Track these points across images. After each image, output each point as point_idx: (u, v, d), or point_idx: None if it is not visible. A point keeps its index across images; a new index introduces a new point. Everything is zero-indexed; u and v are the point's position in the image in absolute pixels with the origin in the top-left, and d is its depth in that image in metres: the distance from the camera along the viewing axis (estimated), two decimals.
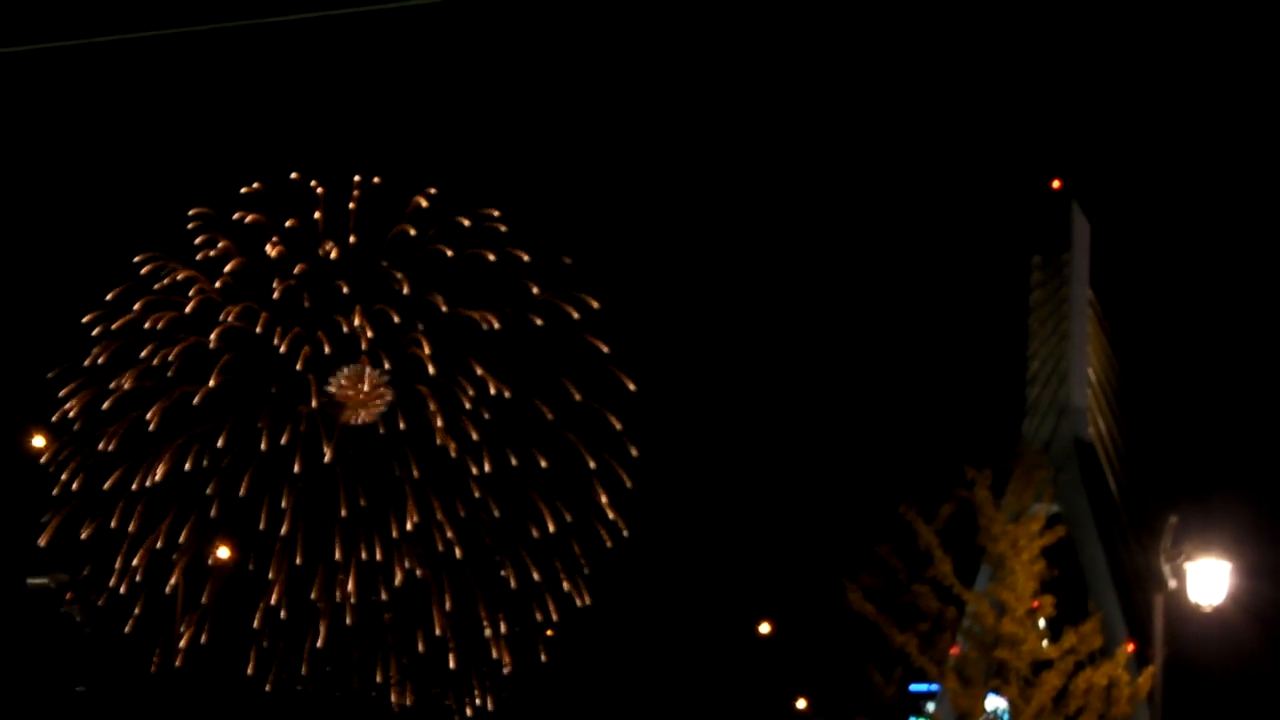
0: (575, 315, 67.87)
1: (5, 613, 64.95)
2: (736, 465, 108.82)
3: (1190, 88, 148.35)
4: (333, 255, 68.38)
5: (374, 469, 67.91)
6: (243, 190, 69.48)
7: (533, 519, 67.42)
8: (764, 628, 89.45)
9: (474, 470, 66.73)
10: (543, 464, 67.10)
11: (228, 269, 68.22)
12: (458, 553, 66.91)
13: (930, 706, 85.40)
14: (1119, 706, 45.80)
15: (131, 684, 64.04)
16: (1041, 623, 47.97)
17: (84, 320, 68.24)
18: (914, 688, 76.25)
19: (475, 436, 66.82)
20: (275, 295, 68.18)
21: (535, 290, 67.99)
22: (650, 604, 79.77)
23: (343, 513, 66.34)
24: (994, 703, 51.24)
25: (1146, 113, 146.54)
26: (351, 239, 68.52)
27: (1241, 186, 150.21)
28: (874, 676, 53.28)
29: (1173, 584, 31.68)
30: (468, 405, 67.41)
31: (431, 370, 67.72)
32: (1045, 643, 47.02)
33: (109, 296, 68.48)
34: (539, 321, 68.26)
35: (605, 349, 67.89)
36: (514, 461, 67.05)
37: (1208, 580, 31.34)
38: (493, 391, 67.42)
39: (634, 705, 78.61)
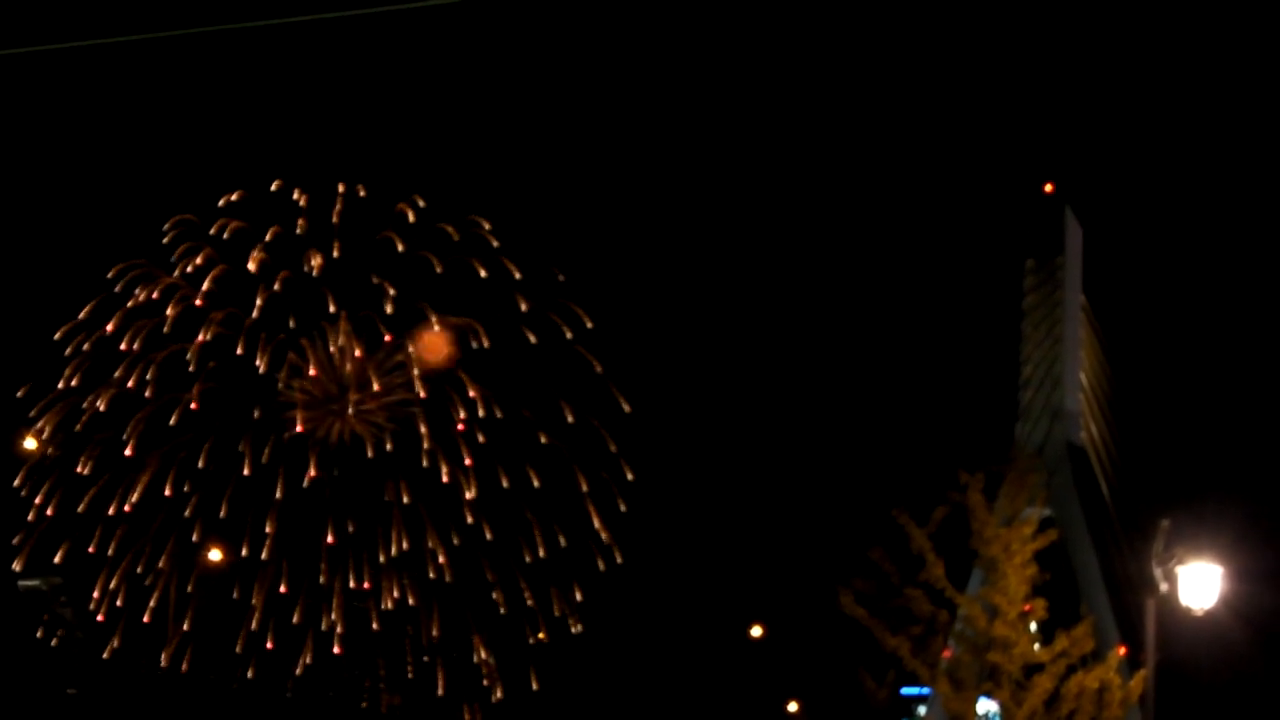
0: (569, 334, 66.58)
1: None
2: (729, 469, 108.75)
3: (1184, 92, 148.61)
4: (315, 272, 66.70)
5: (362, 490, 66.47)
6: (221, 203, 67.53)
7: (525, 542, 66.25)
8: (756, 631, 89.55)
9: (467, 495, 65.38)
10: (535, 484, 65.82)
11: (206, 284, 66.22)
12: (448, 577, 65.71)
13: (922, 710, 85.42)
14: (1110, 710, 45.86)
15: (123, 685, 63.73)
16: (1033, 626, 48.04)
17: (56, 337, 65.97)
18: (906, 691, 76.51)
19: (469, 461, 65.50)
20: (255, 313, 66.40)
21: (524, 307, 66.45)
22: (643, 606, 79.60)
23: (329, 539, 64.92)
24: (986, 706, 51.30)
25: (1139, 117, 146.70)
26: (335, 252, 66.83)
27: (1234, 191, 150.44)
28: (866, 680, 53.38)
29: (1164, 588, 31.76)
30: (461, 426, 66.07)
31: (422, 393, 66.35)
32: (1037, 646, 47.08)
33: (82, 314, 66.28)
34: (532, 339, 66.87)
35: (599, 368, 66.54)
36: (505, 483, 65.72)
37: (1199, 584, 31.42)
38: (481, 413, 66.03)
39: (626, 706, 78.53)
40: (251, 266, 66.32)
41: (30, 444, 64.61)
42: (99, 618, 65.08)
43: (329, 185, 67.97)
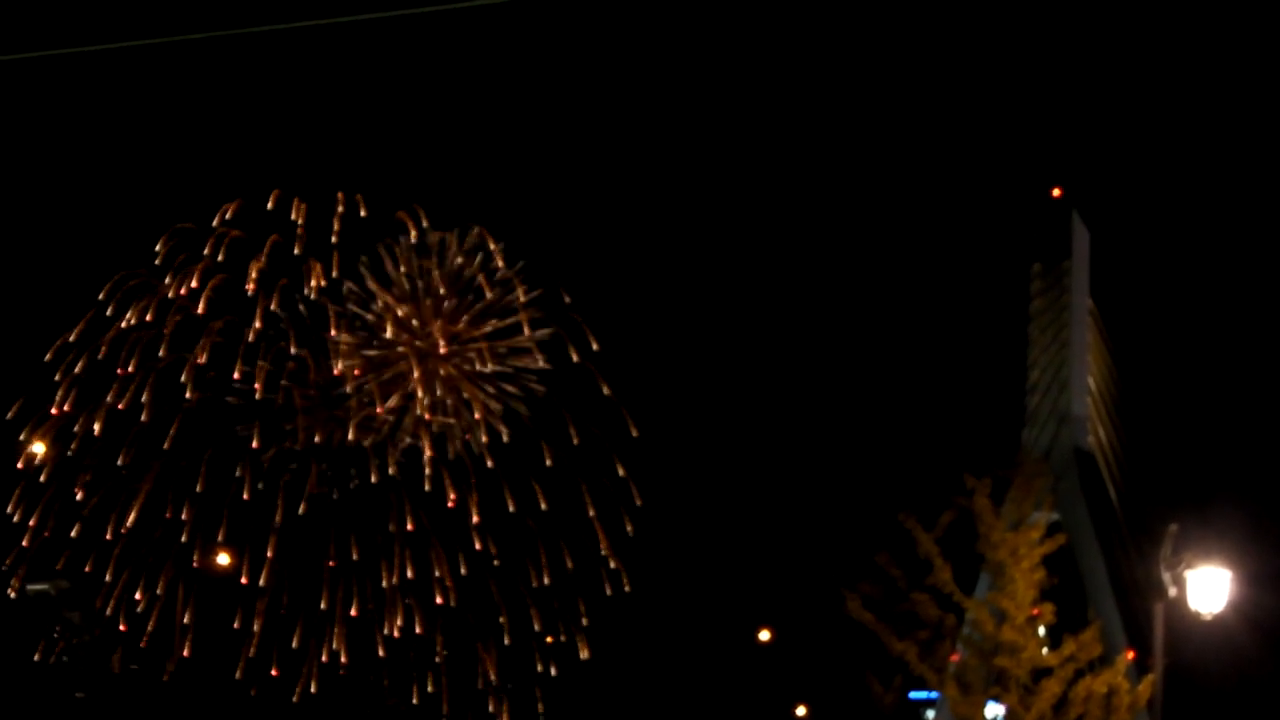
0: (575, 357, 65.41)
1: (4, 617, 64.69)
2: (737, 472, 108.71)
3: (1190, 96, 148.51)
4: (313, 294, 65.38)
5: (366, 512, 65.44)
6: (216, 221, 66.07)
7: (531, 565, 65.31)
8: (764, 635, 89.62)
9: (474, 519, 64.37)
10: (543, 506, 64.73)
11: (203, 301, 64.77)
12: (452, 601, 64.92)
13: (930, 714, 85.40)
14: (1119, 714, 45.87)
15: (131, 690, 63.66)
16: (1041, 630, 48.03)
17: (47, 358, 64.61)
18: (913, 695, 76.23)
19: (473, 479, 64.49)
20: (251, 335, 65.16)
21: (527, 330, 65.31)
22: (651, 610, 79.48)
23: (330, 563, 63.98)
24: (994, 710, 51.29)
25: (1147, 121, 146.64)
26: (334, 270, 65.40)
27: (1241, 195, 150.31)
28: (873, 684, 53.34)
29: (1173, 592, 31.76)
30: (468, 448, 64.97)
31: (427, 415, 65.35)
32: (1045, 650, 47.10)
33: (72, 336, 64.97)
34: (541, 361, 65.74)
35: (607, 390, 65.48)
36: (511, 507, 64.59)
37: (1208, 588, 31.42)
38: (484, 439, 65.09)
39: (635, 710, 78.53)
40: (249, 288, 64.92)
41: (39, 448, 64.02)
42: (94, 631, 64.46)
43: (328, 195, 66.61)
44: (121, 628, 63.88)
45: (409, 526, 63.75)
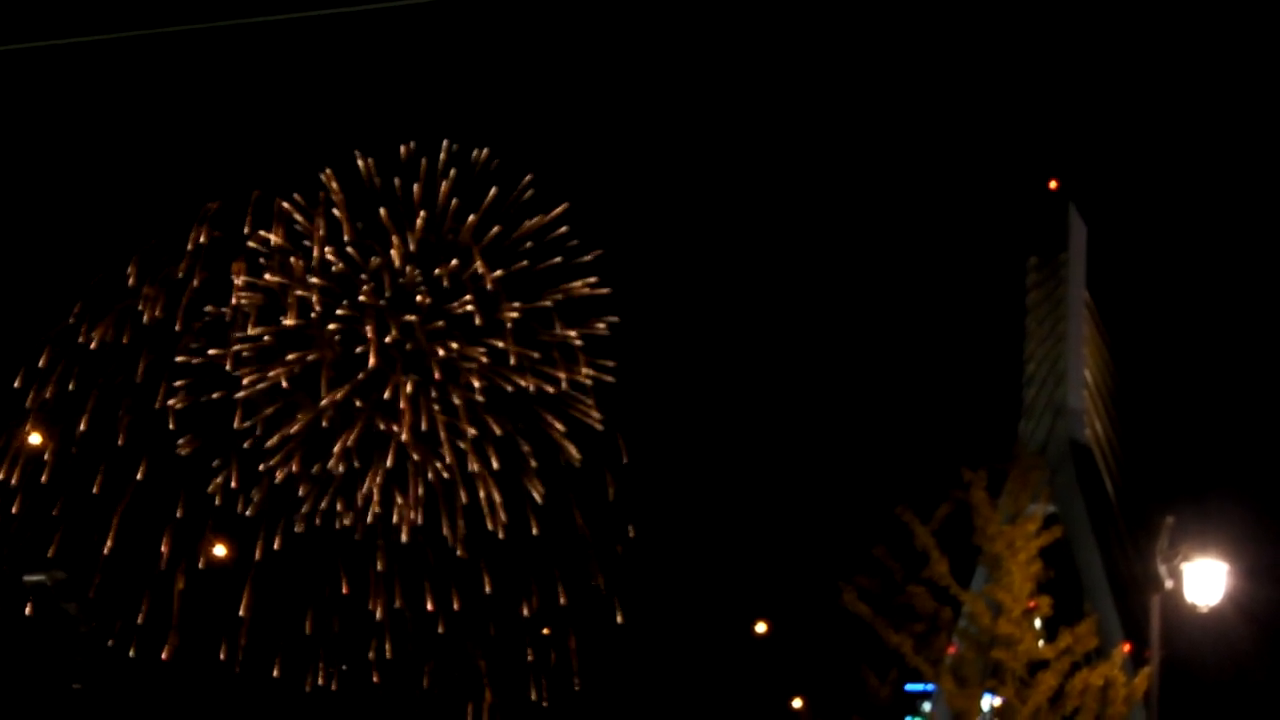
0: (563, 382, 64.26)
1: (1, 609, 64.63)
2: (733, 463, 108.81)
3: (1188, 89, 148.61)
4: (292, 319, 63.93)
5: (354, 540, 64.53)
6: (190, 245, 64.52)
7: (523, 593, 64.56)
8: (760, 627, 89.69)
9: (458, 552, 63.43)
10: (534, 531, 63.80)
11: (179, 316, 63.50)
12: (440, 628, 64.24)
13: (926, 706, 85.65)
14: (1115, 707, 45.86)
15: (128, 681, 63.59)
16: (1038, 623, 48.05)
17: (16, 384, 63.27)
18: (910, 688, 76.47)
19: (459, 507, 63.46)
20: (229, 363, 63.85)
21: (513, 359, 64.10)
22: (647, 601, 79.48)
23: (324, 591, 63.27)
24: (990, 703, 51.35)
25: (1144, 113, 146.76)
26: (316, 295, 64.11)
27: (1238, 188, 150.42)
28: (869, 677, 53.38)
29: (1169, 585, 31.81)
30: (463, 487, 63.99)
31: (406, 434, 64.06)
32: (1041, 643, 47.10)
33: (41, 363, 63.63)
34: (532, 388, 64.63)
35: (600, 418, 64.50)
36: (501, 535, 63.66)
37: (1204, 581, 31.47)
38: (475, 467, 64.06)
39: (630, 703, 78.56)
40: (232, 304, 63.56)
41: (35, 439, 63.47)
42: (91, 624, 63.92)
43: (312, 196, 64.78)
44: (109, 643, 63.45)
45: (391, 543, 62.87)
